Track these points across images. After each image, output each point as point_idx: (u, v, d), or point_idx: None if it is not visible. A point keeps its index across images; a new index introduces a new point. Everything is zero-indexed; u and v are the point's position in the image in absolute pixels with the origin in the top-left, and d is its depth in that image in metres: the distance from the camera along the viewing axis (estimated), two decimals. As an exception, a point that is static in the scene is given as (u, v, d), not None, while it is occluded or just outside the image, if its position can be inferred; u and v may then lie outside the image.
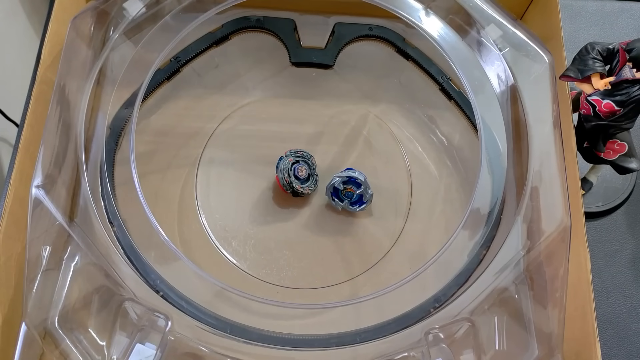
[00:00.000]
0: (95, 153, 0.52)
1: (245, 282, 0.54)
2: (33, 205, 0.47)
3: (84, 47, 0.55)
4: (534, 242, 0.49)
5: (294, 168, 0.55)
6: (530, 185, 0.51)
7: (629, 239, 0.64)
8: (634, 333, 0.59)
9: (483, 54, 0.57)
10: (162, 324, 0.46)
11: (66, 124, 0.51)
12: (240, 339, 0.47)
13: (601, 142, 0.54)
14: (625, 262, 0.62)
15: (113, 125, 0.56)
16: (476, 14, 0.57)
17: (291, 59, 0.62)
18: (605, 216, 0.65)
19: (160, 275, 0.48)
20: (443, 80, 0.61)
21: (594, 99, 0.51)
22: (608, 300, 0.61)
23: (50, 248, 0.47)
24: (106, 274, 0.46)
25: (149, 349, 0.44)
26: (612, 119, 0.51)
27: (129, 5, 0.55)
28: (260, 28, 0.63)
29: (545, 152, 0.52)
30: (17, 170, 0.48)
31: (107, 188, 0.51)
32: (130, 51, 0.55)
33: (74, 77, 0.53)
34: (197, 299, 0.48)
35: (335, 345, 0.48)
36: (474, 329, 0.47)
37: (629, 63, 0.49)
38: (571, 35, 0.74)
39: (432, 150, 0.61)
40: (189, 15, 0.55)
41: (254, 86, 0.64)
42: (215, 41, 0.61)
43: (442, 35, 0.56)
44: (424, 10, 0.57)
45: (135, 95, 0.54)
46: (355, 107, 0.63)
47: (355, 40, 0.64)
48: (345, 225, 0.57)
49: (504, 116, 0.54)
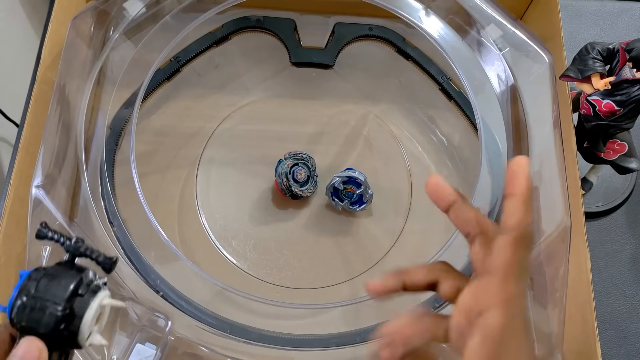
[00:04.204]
0: (95, 153, 0.52)
1: (245, 282, 0.54)
2: (33, 205, 0.47)
3: (84, 47, 0.55)
4: (534, 242, 0.49)
5: (292, 171, 0.55)
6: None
7: (629, 239, 0.64)
8: (634, 333, 0.59)
9: (483, 54, 0.57)
10: (162, 324, 0.46)
11: (66, 124, 0.51)
12: (240, 339, 0.47)
13: (601, 142, 0.54)
14: (625, 262, 0.62)
15: (113, 125, 0.56)
16: (476, 14, 0.57)
17: (291, 59, 0.62)
18: (606, 216, 0.65)
19: (160, 275, 0.48)
20: (443, 80, 0.61)
21: (594, 99, 0.51)
22: (608, 300, 0.61)
23: (50, 248, 0.47)
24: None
25: (149, 349, 0.44)
26: (612, 119, 0.51)
27: (129, 5, 0.55)
28: (261, 28, 0.63)
29: (545, 152, 0.52)
30: (17, 170, 0.48)
31: (107, 188, 0.51)
32: (130, 51, 0.55)
33: (74, 77, 0.53)
34: (197, 299, 0.48)
35: (335, 345, 0.48)
36: (474, 329, 0.47)
37: (629, 63, 0.49)
38: (571, 35, 0.74)
39: (432, 150, 0.61)
40: (189, 15, 0.55)
41: (254, 86, 0.64)
42: (215, 41, 0.61)
43: (442, 35, 0.56)
44: (424, 10, 0.57)
45: (135, 95, 0.54)
46: (355, 107, 0.63)
47: (355, 40, 0.64)
48: (345, 225, 0.57)
49: (504, 116, 0.54)
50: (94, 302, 0.27)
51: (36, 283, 0.27)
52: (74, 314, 0.27)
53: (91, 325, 0.27)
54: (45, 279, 0.27)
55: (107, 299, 0.28)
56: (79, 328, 0.27)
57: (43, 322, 0.26)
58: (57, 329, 0.26)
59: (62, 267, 0.28)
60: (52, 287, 0.27)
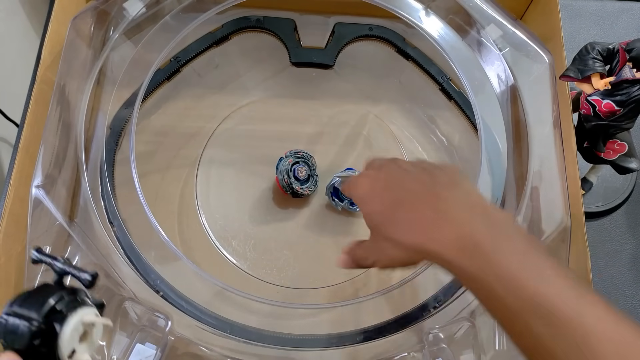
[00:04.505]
0: (95, 153, 0.52)
1: (245, 282, 0.54)
2: (33, 205, 0.47)
3: (84, 47, 0.55)
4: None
5: (293, 169, 0.55)
6: (530, 185, 0.51)
7: (629, 239, 0.64)
8: (634, 333, 0.59)
9: (483, 54, 0.57)
10: (162, 324, 0.46)
11: (66, 124, 0.51)
12: (240, 339, 0.47)
13: (601, 142, 0.54)
14: (625, 262, 0.62)
15: (113, 125, 0.56)
16: (476, 14, 0.57)
17: (291, 59, 0.62)
18: (606, 216, 0.65)
19: (160, 275, 0.48)
20: (443, 80, 0.61)
21: (594, 99, 0.51)
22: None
23: (50, 248, 0.47)
24: (106, 274, 0.46)
25: (149, 349, 0.44)
26: (612, 119, 0.51)
27: (129, 5, 0.55)
28: (260, 28, 0.63)
29: (546, 152, 0.52)
30: (17, 170, 0.48)
31: (107, 188, 0.51)
32: (130, 51, 0.55)
33: (74, 77, 0.53)
34: (197, 299, 0.48)
35: (335, 345, 0.48)
36: (474, 329, 0.47)
37: (629, 63, 0.49)
38: (571, 35, 0.74)
39: (432, 150, 0.61)
40: (189, 15, 0.55)
41: (254, 86, 0.64)
42: (215, 41, 0.61)
43: (442, 35, 0.56)
44: (424, 10, 0.57)
45: (135, 95, 0.54)
46: (355, 107, 0.63)
47: (355, 40, 0.64)
48: (345, 225, 0.57)
49: (504, 116, 0.54)
50: (72, 319, 0.27)
51: (20, 301, 0.27)
52: (52, 330, 0.27)
53: (71, 342, 0.27)
54: (28, 298, 0.27)
55: (88, 316, 0.28)
56: (57, 344, 0.27)
57: (18, 339, 0.26)
58: (32, 345, 0.26)
59: (48, 286, 0.29)
60: (31, 305, 0.27)
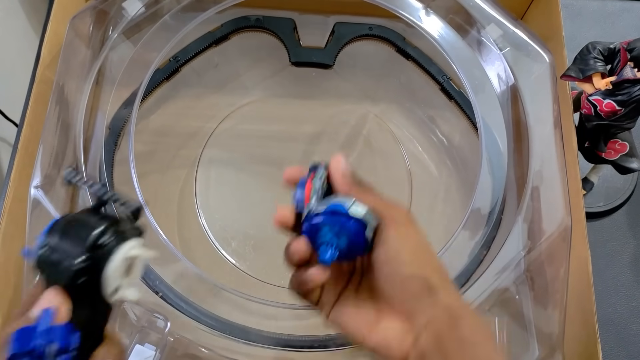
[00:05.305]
0: (95, 153, 0.52)
1: (244, 282, 0.54)
2: (32, 205, 0.47)
3: (83, 46, 0.55)
4: (535, 242, 0.48)
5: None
6: (531, 185, 0.51)
7: (630, 239, 0.63)
8: (635, 334, 0.59)
9: (483, 54, 0.57)
10: (162, 325, 0.46)
11: (65, 124, 0.51)
12: (239, 340, 0.47)
13: (602, 141, 0.54)
14: (626, 263, 0.62)
15: (112, 125, 0.56)
16: (476, 13, 0.57)
17: (291, 59, 0.62)
18: (607, 216, 0.65)
19: (159, 276, 0.48)
20: (443, 80, 0.61)
21: (595, 98, 0.51)
22: (609, 301, 0.60)
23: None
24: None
25: (148, 350, 0.44)
26: (613, 118, 0.51)
27: (128, 5, 0.55)
28: (260, 28, 0.63)
29: (546, 152, 0.51)
30: (16, 170, 0.48)
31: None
32: (129, 51, 0.55)
33: (73, 77, 0.53)
34: (196, 300, 0.48)
35: (335, 347, 0.47)
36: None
37: (630, 63, 0.49)
38: (572, 35, 0.74)
39: (432, 150, 0.61)
40: (188, 15, 0.55)
41: (253, 86, 0.64)
42: (214, 41, 0.61)
43: (442, 35, 0.56)
44: (424, 9, 0.57)
45: (134, 95, 0.54)
46: (355, 107, 0.63)
47: (355, 40, 0.63)
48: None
49: (505, 116, 0.54)
50: (119, 253, 0.25)
51: (59, 233, 0.25)
52: (96, 265, 0.24)
53: (116, 279, 0.25)
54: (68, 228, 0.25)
55: (134, 250, 0.26)
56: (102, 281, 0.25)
57: (61, 275, 0.24)
58: (75, 282, 0.24)
59: (87, 215, 0.26)
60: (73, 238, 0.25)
